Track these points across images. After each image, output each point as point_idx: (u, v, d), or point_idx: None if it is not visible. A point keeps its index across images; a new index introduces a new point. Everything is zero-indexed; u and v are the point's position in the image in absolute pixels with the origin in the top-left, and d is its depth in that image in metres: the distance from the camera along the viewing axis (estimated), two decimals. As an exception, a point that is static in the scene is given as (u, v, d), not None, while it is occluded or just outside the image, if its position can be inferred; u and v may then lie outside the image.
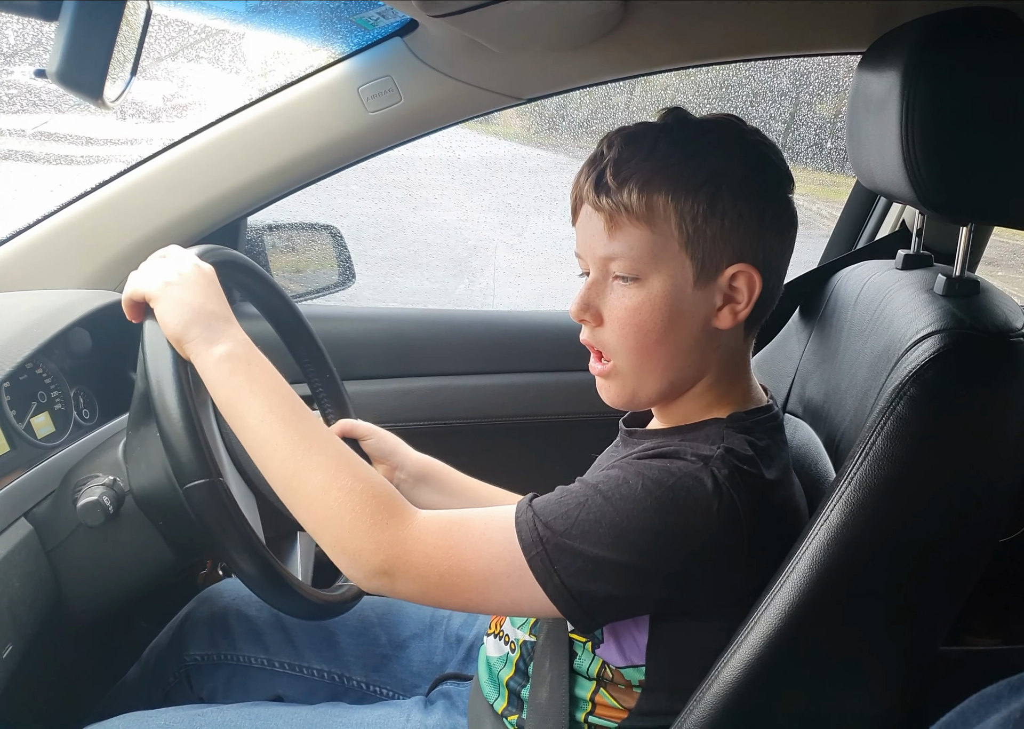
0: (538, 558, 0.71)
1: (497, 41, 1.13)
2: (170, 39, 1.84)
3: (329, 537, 0.74)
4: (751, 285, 0.78)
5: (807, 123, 2.49)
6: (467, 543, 0.73)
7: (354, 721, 0.95)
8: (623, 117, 2.74)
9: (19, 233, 1.28)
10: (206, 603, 1.16)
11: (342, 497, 0.73)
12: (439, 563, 0.72)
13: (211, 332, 0.80)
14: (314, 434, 0.77)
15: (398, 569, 0.73)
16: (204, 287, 0.83)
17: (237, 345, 0.80)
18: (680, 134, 0.78)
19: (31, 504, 0.94)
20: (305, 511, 0.76)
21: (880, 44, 0.90)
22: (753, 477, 0.74)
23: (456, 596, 0.74)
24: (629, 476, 0.73)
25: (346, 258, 1.69)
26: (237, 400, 0.78)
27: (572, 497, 0.74)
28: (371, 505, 0.73)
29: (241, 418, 0.78)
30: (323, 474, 0.75)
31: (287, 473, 0.76)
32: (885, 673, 0.77)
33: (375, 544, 0.72)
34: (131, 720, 0.94)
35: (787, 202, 0.81)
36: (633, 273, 0.77)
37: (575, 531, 0.71)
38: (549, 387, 1.61)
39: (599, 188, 0.77)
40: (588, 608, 0.72)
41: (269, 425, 0.76)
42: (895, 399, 0.71)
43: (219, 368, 0.79)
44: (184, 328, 0.79)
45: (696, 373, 0.82)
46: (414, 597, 0.75)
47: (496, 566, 0.73)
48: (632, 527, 0.71)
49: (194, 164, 1.30)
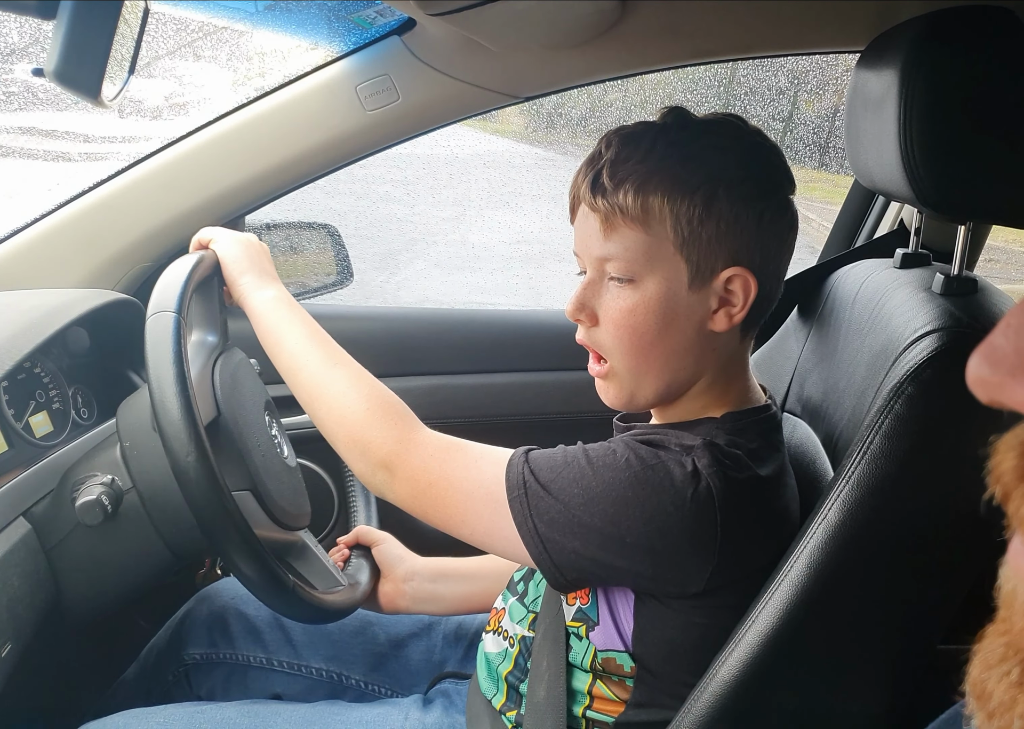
0: (517, 500, 0.75)
1: (495, 39, 1.12)
2: (168, 38, 1.84)
3: (345, 431, 0.83)
4: (747, 289, 0.78)
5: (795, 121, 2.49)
6: (460, 463, 0.80)
7: (352, 719, 0.95)
8: (616, 114, 2.74)
9: (17, 232, 1.28)
10: (205, 602, 1.16)
11: (360, 399, 0.84)
12: (432, 471, 0.79)
13: (261, 281, 0.94)
14: (341, 356, 0.89)
15: (397, 466, 0.80)
16: (262, 252, 0.99)
17: (281, 293, 0.94)
18: (679, 135, 0.78)
19: (30, 503, 0.94)
20: (326, 412, 0.85)
21: (878, 43, 0.90)
22: (735, 470, 0.74)
23: (438, 509, 0.79)
24: (618, 448, 0.76)
25: (344, 257, 1.69)
26: (277, 328, 0.90)
27: (563, 454, 0.78)
28: (384, 408, 0.84)
29: (278, 344, 0.90)
30: (345, 383, 0.86)
31: (315, 382, 0.87)
32: (882, 671, 0.77)
33: (383, 438, 0.81)
34: (130, 717, 0.94)
35: (787, 204, 0.81)
36: (628, 274, 0.77)
37: (555, 485, 0.75)
38: (547, 386, 1.60)
39: (595, 188, 0.77)
40: (556, 560, 0.75)
41: (302, 346, 0.89)
42: (893, 398, 0.71)
43: (264, 305, 0.92)
44: (242, 273, 0.94)
45: (693, 375, 0.82)
46: (405, 501, 0.81)
47: (479, 493, 0.78)
48: (605, 494, 0.73)
49: (192, 163, 1.29)
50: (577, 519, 0.73)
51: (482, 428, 1.58)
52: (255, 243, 0.99)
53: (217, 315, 1.01)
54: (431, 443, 0.82)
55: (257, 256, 0.97)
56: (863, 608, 0.75)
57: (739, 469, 0.75)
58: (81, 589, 0.95)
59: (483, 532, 0.79)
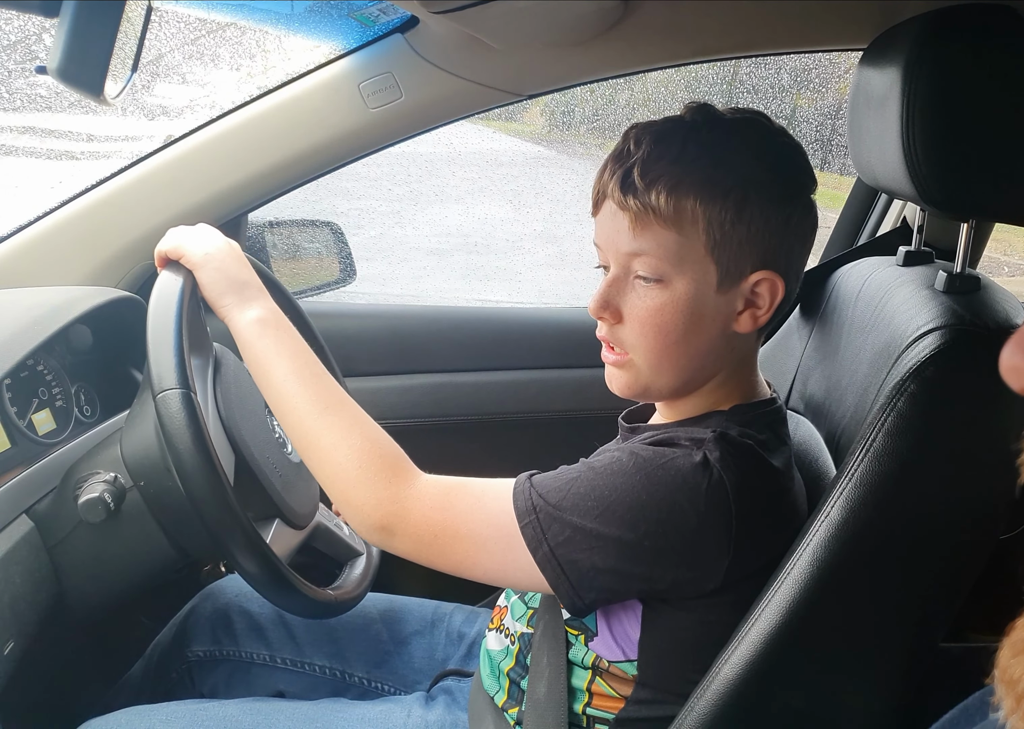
0: (530, 526, 0.74)
1: (498, 37, 1.12)
2: (170, 37, 1.84)
3: (337, 490, 0.80)
4: (773, 291, 0.78)
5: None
6: (463, 506, 0.77)
7: (355, 717, 0.95)
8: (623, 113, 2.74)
9: (20, 229, 1.28)
10: (208, 600, 1.16)
11: (351, 454, 0.79)
12: (434, 524, 0.76)
13: (244, 299, 0.87)
14: (331, 396, 0.83)
15: (396, 526, 0.77)
16: (236, 259, 0.91)
17: (267, 311, 0.87)
18: (709, 136, 0.77)
19: (32, 501, 0.94)
20: (318, 465, 0.81)
21: (881, 41, 0.90)
22: (745, 463, 0.74)
23: (447, 557, 0.77)
24: (623, 455, 0.75)
25: (347, 255, 1.69)
26: (264, 360, 0.84)
27: (568, 473, 0.77)
28: (376, 464, 0.78)
29: (266, 377, 0.84)
30: (335, 433, 0.80)
31: (304, 429, 0.82)
32: (885, 670, 0.77)
33: (376, 500, 0.77)
34: (133, 714, 0.94)
35: (811, 205, 0.81)
36: (656, 274, 0.77)
37: (566, 503, 0.74)
38: (550, 384, 1.60)
39: (625, 187, 0.76)
40: (575, 581, 0.74)
41: (291, 385, 0.83)
42: (896, 395, 0.71)
43: (249, 330, 0.85)
44: (220, 295, 0.87)
45: (710, 373, 0.82)
46: (410, 554, 0.79)
47: (487, 531, 0.76)
48: (619, 501, 0.72)
49: (195, 161, 1.30)
50: (593, 532, 0.72)
51: (484, 426, 1.58)
52: (226, 251, 0.90)
53: (205, 337, 0.99)
54: (429, 493, 0.78)
55: (233, 267, 0.89)
56: (866, 606, 0.75)
57: (751, 460, 0.75)
58: (84, 587, 0.95)
59: (497, 569, 0.77)
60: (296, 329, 0.88)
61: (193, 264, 0.88)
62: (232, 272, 0.89)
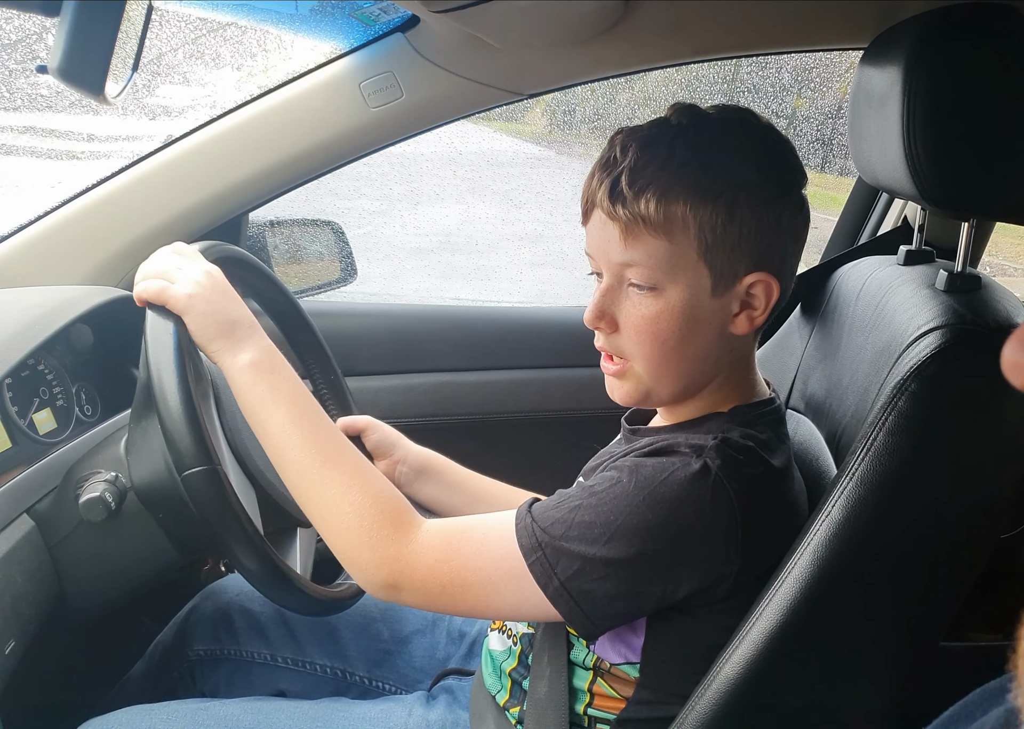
0: (537, 562, 0.72)
1: (498, 37, 1.12)
2: (171, 36, 1.84)
3: (339, 549, 0.78)
4: (768, 292, 0.78)
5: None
6: (467, 553, 0.75)
7: (356, 716, 0.95)
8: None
9: (21, 229, 1.28)
10: (209, 599, 1.16)
11: (351, 512, 0.76)
12: (441, 575, 0.75)
13: (235, 341, 0.82)
14: (330, 447, 0.80)
15: (402, 583, 0.76)
16: (222, 294, 0.84)
17: (261, 352, 0.82)
18: (696, 139, 0.76)
19: (33, 500, 0.94)
20: (319, 522, 0.79)
21: (882, 39, 0.90)
22: (748, 466, 0.74)
23: (459, 605, 0.76)
24: (623, 475, 0.74)
25: (348, 254, 1.69)
26: (260, 409, 0.81)
27: (568, 501, 0.75)
28: (378, 521, 0.76)
29: (263, 426, 0.81)
30: (335, 489, 0.77)
31: (303, 484, 0.79)
32: (886, 669, 0.77)
33: (380, 559, 0.75)
34: (134, 713, 0.94)
35: (802, 202, 0.80)
36: (650, 282, 0.76)
37: (572, 533, 0.72)
38: (551, 383, 1.60)
39: (614, 196, 0.75)
40: (588, 611, 0.73)
41: (288, 436, 0.79)
42: (897, 395, 0.71)
43: (243, 375, 0.81)
44: (210, 340, 0.82)
45: (710, 376, 0.82)
46: (419, 607, 0.78)
47: (494, 574, 0.75)
48: (626, 524, 0.71)
49: (196, 160, 1.30)
50: (603, 560, 0.71)
51: (485, 425, 1.59)
52: (210, 287, 0.83)
53: (202, 372, 0.97)
54: (431, 545, 0.76)
55: (220, 306, 0.83)
56: (867, 605, 0.75)
57: (753, 464, 0.74)
58: (85, 586, 0.95)
59: (510, 609, 0.77)
60: (292, 369, 0.84)
61: (179, 310, 0.82)
62: (220, 312, 0.83)
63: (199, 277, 0.83)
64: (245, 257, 1.03)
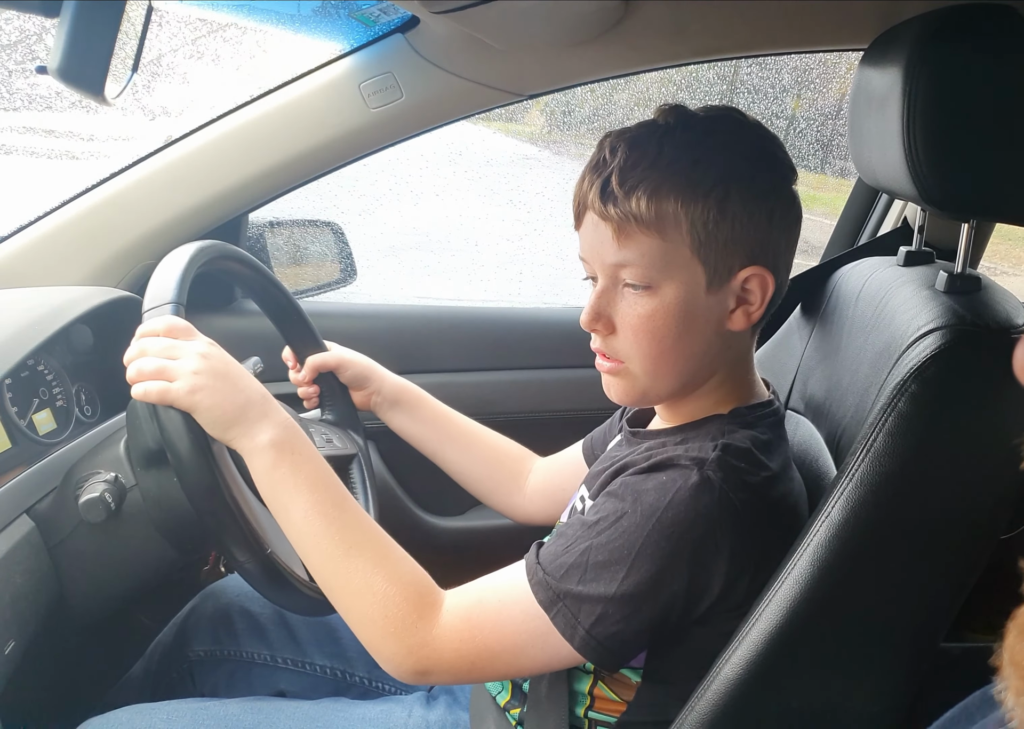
0: (560, 615, 0.72)
1: (498, 37, 1.12)
2: (171, 37, 1.84)
3: (365, 640, 0.77)
4: (764, 287, 0.78)
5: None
6: (488, 625, 0.74)
7: (356, 716, 0.95)
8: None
9: (21, 229, 1.28)
10: (209, 599, 1.16)
11: (375, 603, 0.75)
12: (468, 654, 0.74)
13: (249, 424, 0.78)
14: (354, 532, 0.78)
15: (431, 668, 0.75)
16: (225, 377, 0.78)
17: (278, 430, 0.79)
18: (684, 136, 0.76)
19: (33, 501, 0.94)
20: (343, 610, 0.78)
21: (882, 40, 0.90)
22: (750, 474, 0.74)
23: (489, 675, 0.77)
24: (626, 505, 0.73)
25: (348, 254, 1.69)
26: (282, 493, 0.78)
27: (576, 544, 0.74)
28: (402, 610, 0.74)
29: (285, 511, 0.78)
30: (359, 578, 0.76)
31: (326, 573, 0.78)
32: (886, 670, 0.77)
33: (407, 649, 0.74)
34: (133, 712, 0.94)
35: (793, 197, 0.80)
36: (644, 281, 0.76)
37: (589, 576, 0.72)
38: (550, 384, 1.60)
39: (605, 196, 0.75)
40: (617, 651, 0.73)
41: (311, 523, 0.77)
42: (896, 396, 0.71)
43: (263, 458, 0.78)
44: (224, 430, 0.78)
45: (708, 374, 0.82)
46: (452, 683, 0.79)
47: (520, 638, 0.74)
48: (641, 555, 0.71)
49: (196, 161, 1.30)
50: (624, 596, 0.71)
51: (485, 425, 1.58)
52: (211, 372, 0.77)
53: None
54: (454, 626, 0.74)
55: (227, 392, 0.78)
56: (867, 606, 0.75)
57: (755, 470, 0.74)
58: (84, 586, 0.95)
59: (541, 665, 0.76)
60: (311, 444, 0.81)
61: (185, 409, 0.76)
62: (228, 400, 0.77)
63: (196, 366, 0.77)
64: (245, 257, 1.03)
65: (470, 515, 1.59)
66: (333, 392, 1.14)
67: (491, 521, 1.57)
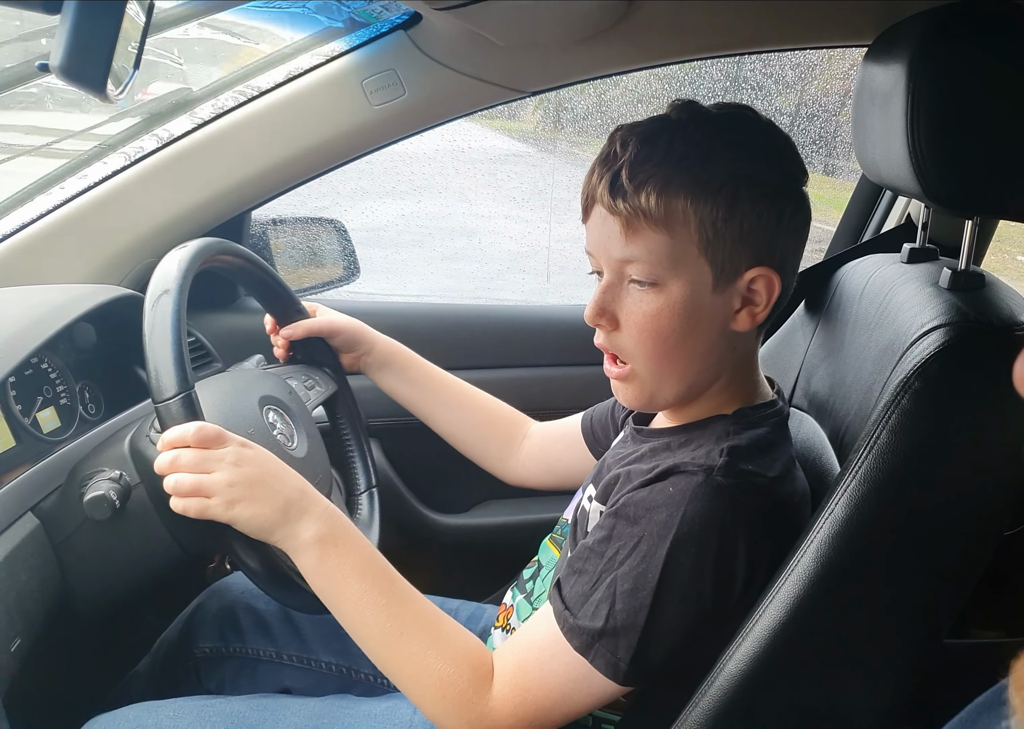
0: (599, 658, 0.73)
1: (501, 34, 1.12)
2: (171, 36, 1.84)
3: (428, 716, 0.78)
4: (770, 288, 0.78)
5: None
6: (536, 685, 0.75)
7: (361, 713, 0.95)
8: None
9: (23, 227, 1.28)
10: (215, 597, 1.17)
11: (433, 683, 0.76)
12: (525, 716, 0.75)
13: (292, 523, 0.78)
14: (406, 614, 0.79)
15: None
16: (261, 483, 0.78)
17: (320, 524, 0.79)
18: (696, 133, 0.76)
19: (38, 499, 0.94)
20: (404, 690, 0.79)
21: (886, 37, 0.90)
22: (758, 476, 0.74)
23: (550, 727, 0.76)
24: (641, 528, 0.73)
25: (351, 252, 1.69)
26: (331, 586, 0.79)
27: (601, 578, 0.74)
28: (459, 686, 0.75)
29: (336, 603, 0.79)
30: (415, 660, 0.77)
31: (383, 657, 0.79)
32: (889, 666, 0.77)
33: (468, 724, 0.75)
34: (140, 710, 0.94)
35: (803, 198, 0.80)
36: (651, 278, 0.76)
37: (617, 608, 0.72)
38: (554, 382, 1.60)
39: (615, 191, 0.75)
40: (661, 669, 0.74)
41: (363, 611, 0.78)
42: (900, 393, 0.71)
43: (308, 556, 0.78)
44: (269, 534, 0.78)
45: (714, 375, 0.81)
46: None
47: (567, 687, 0.74)
48: (666, 574, 0.71)
49: (198, 158, 1.30)
50: (657, 622, 0.71)
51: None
52: (247, 481, 0.77)
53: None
54: (506, 694, 0.75)
55: (264, 497, 0.78)
56: (870, 602, 0.75)
57: (761, 471, 0.75)
58: (89, 584, 0.95)
59: (595, 704, 0.76)
60: (355, 529, 0.82)
61: (226, 522, 0.77)
62: (267, 505, 0.77)
63: (231, 477, 0.77)
64: (247, 255, 1.03)
65: (474, 512, 1.59)
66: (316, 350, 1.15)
67: (495, 518, 1.57)
